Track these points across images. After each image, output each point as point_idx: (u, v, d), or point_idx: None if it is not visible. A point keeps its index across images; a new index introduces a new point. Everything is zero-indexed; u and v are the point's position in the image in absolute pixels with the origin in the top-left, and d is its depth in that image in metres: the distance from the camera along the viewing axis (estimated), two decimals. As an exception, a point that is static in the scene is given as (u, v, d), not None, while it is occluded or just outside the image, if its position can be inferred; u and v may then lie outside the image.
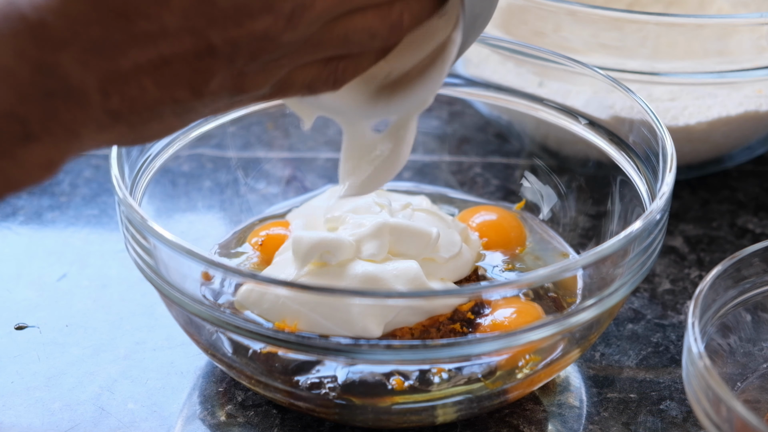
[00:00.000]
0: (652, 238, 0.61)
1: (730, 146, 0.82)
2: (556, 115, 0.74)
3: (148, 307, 0.70)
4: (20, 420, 0.63)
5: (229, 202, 0.75)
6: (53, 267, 0.74)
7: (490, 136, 0.86)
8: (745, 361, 0.64)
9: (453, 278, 0.66)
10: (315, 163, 0.71)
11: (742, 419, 0.51)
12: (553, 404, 0.65)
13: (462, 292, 0.63)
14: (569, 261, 0.60)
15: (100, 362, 0.67)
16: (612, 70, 0.75)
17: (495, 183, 0.80)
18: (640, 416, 0.64)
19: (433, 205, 0.73)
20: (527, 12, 0.77)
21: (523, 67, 0.76)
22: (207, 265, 0.58)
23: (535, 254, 0.72)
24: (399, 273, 0.63)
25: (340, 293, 0.59)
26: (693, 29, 0.75)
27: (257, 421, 0.63)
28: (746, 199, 0.82)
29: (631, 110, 0.68)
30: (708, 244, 0.78)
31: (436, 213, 0.69)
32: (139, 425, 0.63)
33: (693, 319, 0.56)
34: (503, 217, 0.73)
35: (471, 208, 0.75)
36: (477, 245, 0.70)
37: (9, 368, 0.66)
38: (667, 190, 0.61)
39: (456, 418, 0.62)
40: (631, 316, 0.71)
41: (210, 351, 0.63)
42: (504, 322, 0.63)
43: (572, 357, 0.63)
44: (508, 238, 0.72)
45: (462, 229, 0.69)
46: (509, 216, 0.74)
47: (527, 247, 0.72)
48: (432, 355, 0.57)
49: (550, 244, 0.73)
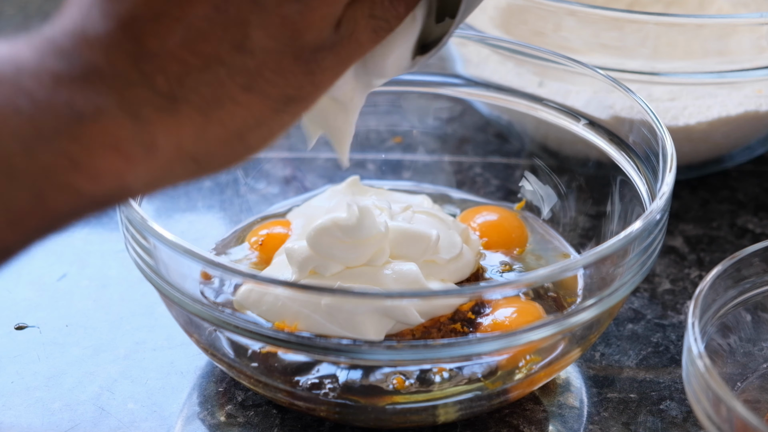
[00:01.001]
0: (652, 238, 0.61)
1: (730, 146, 0.82)
2: (556, 115, 0.74)
3: (148, 307, 0.70)
4: (20, 420, 0.63)
5: (229, 202, 0.75)
6: (53, 267, 0.74)
7: (490, 136, 0.86)
8: (745, 361, 0.64)
9: (454, 279, 0.66)
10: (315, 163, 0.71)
11: (742, 419, 0.51)
12: (553, 404, 0.65)
13: (461, 293, 0.63)
14: (569, 261, 0.60)
15: (100, 362, 0.67)
16: (612, 70, 0.75)
17: (495, 183, 0.80)
18: (640, 416, 0.64)
19: (435, 204, 0.73)
20: (527, 12, 0.77)
21: (523, 67, 0.76)
22: (206, 265, 0.58)
23: (537, 254, 0.72)
24: (399, 276, 0.63)
25: (339, 293, 0.59)
26: (693, 29, 0.75)
27: (257, 421, 0.63)
28: (746, 199, 0.82)
29: (631, 110, 0.68)
30: (708, 244, 0.78)
31: (436, 214, 0.69)
32: (139, 425, 0.63)
33: (693, 319, 0.56)
34: (504, 217, 0.73)
35: (473, 208, 0.75)
36: (477, 246, 0.70)
37: (9, 368, 0.66)
38: (667, 190, 0.61)
39: (457, 418, 0.62)
40: (631, 316, 0.71)
41: (210, 351, 0.63)
42: (504, 322, 0.63)
43: (572, 357, 0.63)
44: (509, 238, 0.72)
45: (463, 229, 0.69)
46: (510, 216, 0.74)
47: (528, 247, 0.72)
48: (432, 355, 0.57)
49: (552, 243, 0.73)
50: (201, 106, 0.47)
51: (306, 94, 0.50)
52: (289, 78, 0.49)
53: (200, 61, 0.46)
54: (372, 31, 0.51)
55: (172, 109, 0.46)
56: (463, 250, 0.67)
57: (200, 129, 0.47)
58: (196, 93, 0.46)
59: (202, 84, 0.47)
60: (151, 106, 0.46)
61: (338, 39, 0.50)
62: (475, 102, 0.82)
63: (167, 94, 0.46)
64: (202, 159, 0.48)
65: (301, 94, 0.49)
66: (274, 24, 0.47)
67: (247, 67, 0.47)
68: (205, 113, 0.47)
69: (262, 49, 0.47)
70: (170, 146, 0.47)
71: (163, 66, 0.46)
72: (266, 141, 0.50)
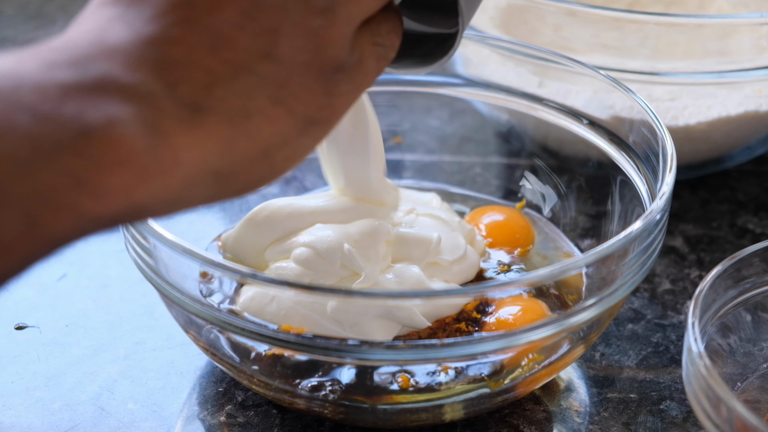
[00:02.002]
0: (652, 238, 0.61)
1: (730, 146, 0.82)
2: (556, 115, 0.74)
3: (148, 307, 0.70)
4: (20, 420, 0.63)
5: (229, 202, 0.75)
6: (53, 267, 0.74)
7: (490, 136, 0.86)
8: (745, 361, 0.64)
9: (459, 281, 0.66)
10: (315, 163, 0.70)
11: (742, 419, 0.51)
12: (553, 404, 0.65)
13: (464, 292, 0.63)
14: (569, 261, 0.60)
15: (100, 362, 0.67)
16: (612, 70, 0.75)
17: (495, 183, 0.80)
18: (640, 416, 0.64)
19: (444, 203, 0.73)
20: (527, 12, 0.77)
21: (523, 67, 0.76)
22: (206, 265, 0.58)
23: (542, 254, 0.72)
24: (402, 279, 0.63)
25: (342, 294, 0.59)
26: (693, 29, 0.75)
27: (257, 421, 0.63)
28: (746, 199, 0.82)
29: (631, 110, 0.68)
30: (708, 244, 0.78)
31: (439, 216, 0.69)
32: (139, 425, 0.63)
33: (693, 319, 0.56)
34: (511, 217, 0.73)
35: (480, 208, 0.75)
36: (482, 247, 0.70)
37: (9, 368, 0.66)
38: (667, 190, 0.61)
39: (463, 416, 0.62)
40: (631, 316, 0.71)
41: (210, 351, 0.62)
42: (509, 320, 0.63)
43: (572, 357, 0.63)
44: (515, 238, 0.72)
45: (468, 230, 0.69)
46: (517, 216, 0.74)
47: (534, 246, 0.72)
48: (434, 355, 0.57)
49: (556, 243, 0.73)
50: (230, 116, 0.44)
51: (325, 118, 0.48)
52: (312, 96, 0.47)
53: (229, 70, 0.44)
54: (376, 59, 0.51)
55: (196, 120, 0.44)
56: (467, 251, 0.67)
57: (227, 142, 0.45)
58: (224, 103, 0.44)
59: (231, 93, 0.44)
60: (172, 118, 0.43)
61: (352, 63, 0.49)
62: (475, 102, 0.82)
63: (192, 104, 0.43)
64: (225, 177, 0.46)
65: (321, 116, 0.48)
66: (301, 35, 0.46)
67: (277, 77, 0.46)
68: (234, 124, 0.45)
69: (289, 60, 0.46)
70: (193, 161, 0.44)
71: (189, 75, 0.44)
72: (290, 163, 0.48)
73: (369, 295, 0.59)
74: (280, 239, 0.65)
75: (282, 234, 0.65)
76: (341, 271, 0.63)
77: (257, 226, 0.65)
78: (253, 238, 0.66)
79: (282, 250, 0.65)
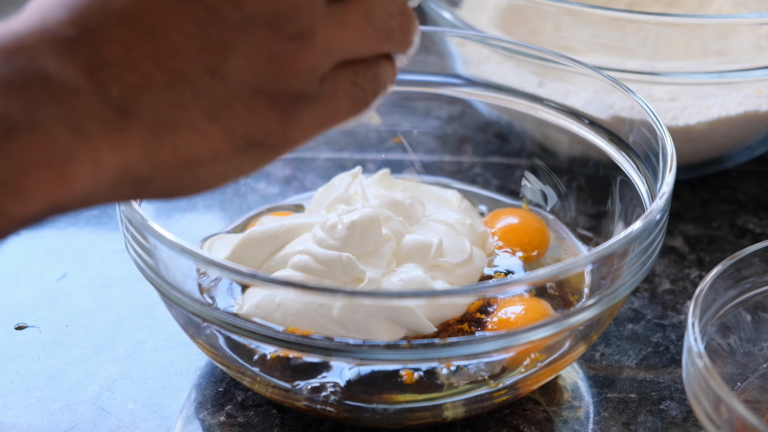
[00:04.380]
0: (652, 238, 0.61)
1: (730, 146, 0.82)
2: (556, 115, 0.74)
3: (148, 307, 0.70)
4: (20, 420, 0.63)
5: (229, 202, 0.75)
6: (53, 267, 0.74)
7: (490, 136, 0.86)
8: (745, 361, 0.64)
9: (463, 284, 0.66)
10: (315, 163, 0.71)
11: (742, 419, 0.51)
12: (554, 404, 0.65)
13: (465, 292, 0.63)
14: (569, 261, 0.60)
15: (100, 362, 0.67)
16: (612, 70, 0.75)
17: (495, 183, 0.80)
18: (640, 416, 0.64)
19: (464, 200, 0.73)
20: (527, 12, 0.77)
21: (523, 67, 0.76)
22: (207, 264, 0.58)
23: (555, 257, 0.72)
24: (405, 283, 0.63)
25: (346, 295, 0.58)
26: (693, 29, 0.75)
27: (257, 421, 0.63)
28: (746, 199, 0.82)
29: (631, 110, 0.68)
30: (708, 244, 0.78)
31: (446, 221, 0.69)
32: (139, 425, 0.63)
33: (693, 319, 0.56)
34: (527, 220, 0.73)
35: (497, 211, 0.74)
36: (491, 250, 0.70)
37: (9, 368, 0.66)
38: (667, 190, 0.61)
39: (463, 416, 0.62)
40: (631, 316, 0.71)
41: (210, 351, 0.62)
42: (511, 319, 0.63)
43: (573, 356, 0.63)
44: (524, 242, 0.72)
45: (481, 233, 0.69)
46: (533, 219, 0.73)
47: (548, 250, 0.72)
48: (435, 355, 0.57)
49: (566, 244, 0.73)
50: (155, 125, 0.43)
51: (274, 144, 0.47)
52: (260, 120, 0.46)
53: (166, 78, 0.43)
54: (351, 100, 0.49)
55: (120, 125, 0.43)
56: (472, 254, 0.67)
57: (149, 150, 0.44)
58: (152, 110, 0.43)
59: (162, 102, 0.43)
60: (97, 120, 0.42)
61: (319, 95, 0.47)
62: (475, 102, 0.82)
63: (119, 106, 0.42)
64: (146, 183, 0.45)
65: (269, 141, 0.46)
66: (260, 57, 0.45)
67: (216, 94, 0.44)
68: (157, 134, 0.43)
69: (237, 80, 0.44)
70: (114, 164, 0.43)
71: (121, 76, 0.42)
72: (218, 181, 0.47)
73: (371, 296, 0.59)
74: (276, 251, 0.66)
75: (278, 247, 0.66)
76: (343, 277, 0.63)
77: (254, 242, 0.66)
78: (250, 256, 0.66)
79: (280, 260, 0.65)
